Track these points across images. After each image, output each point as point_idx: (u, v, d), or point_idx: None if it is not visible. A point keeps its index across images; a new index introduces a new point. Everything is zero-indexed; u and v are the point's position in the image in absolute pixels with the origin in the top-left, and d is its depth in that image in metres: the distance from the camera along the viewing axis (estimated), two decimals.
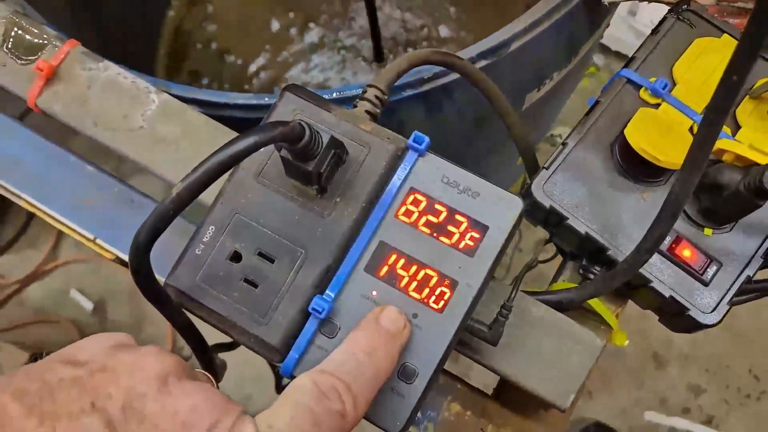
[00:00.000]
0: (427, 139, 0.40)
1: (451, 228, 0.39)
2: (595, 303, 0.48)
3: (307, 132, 0.34)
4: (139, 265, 0.33)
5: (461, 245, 0.39)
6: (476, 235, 0.39)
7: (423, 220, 0.39)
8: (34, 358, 1.41)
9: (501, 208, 0.39)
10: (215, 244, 0.39)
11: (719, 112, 0.33)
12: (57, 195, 0.54)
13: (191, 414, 0.27)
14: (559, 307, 0.46)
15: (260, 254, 0.39)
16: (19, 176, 0.54)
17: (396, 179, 0.40)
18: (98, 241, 0.53)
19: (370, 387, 0.32)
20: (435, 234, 0.39)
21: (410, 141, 0.40)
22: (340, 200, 0.39)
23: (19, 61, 0.51)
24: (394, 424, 0.38)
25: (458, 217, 0.39)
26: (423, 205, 0.40)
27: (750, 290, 0.54)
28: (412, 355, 0.38)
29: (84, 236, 0.53)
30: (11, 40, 0.51)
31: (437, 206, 0.39)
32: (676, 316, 0.46)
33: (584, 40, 0.69)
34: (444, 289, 0.39)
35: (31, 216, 1.74)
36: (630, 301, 0.51)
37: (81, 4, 0.96)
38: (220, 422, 0.27)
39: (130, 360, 0.28)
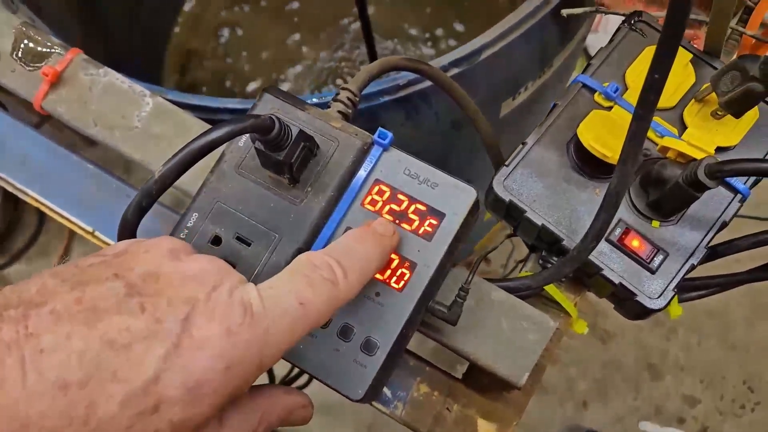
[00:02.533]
0: (390, 135, 0.44)
1: (411, 215, 0.43)
2: (554, 292, 0.52)
3: (277, 125, 0.38)
4: (129, 231, 0.37)
5: (420, 231, 0.43)
6: (434, 222, 0.43)
7: (386, 208, 0.43)
8: None
9: (456, 196, 0.43)
10: (198, 229, 0.44)
11: (646, 107, 0.36)
12: (60, 191, 0.58)
13: (200, 273, 0.32)
14: (518, 292, 0.50)
15: (238, 238, 0.43)
16: (27, 174, 0.58)
17: (362, 171, 0.44)
18: (97, 233, 0.57)
19: (359, 267, 0.36)
20: (397, 221, 0.43)
21: (375, 137, 0.44)
22: (311, 189, 0.43)
23: (26, 68, 0.56)
24: (356, 392, 0.41)
25: (418, 205, 0.43)
26: (387, 194, 0.44)
27: (706, 285, 0.58)
28: (374, 329, 0.42)
29: (84, 229, 0.57)
30: (21, 48, 0.56)
31: (399, 196, 0.43)
32: (626, 302, 0.50)
33: (556, 51, 0.73)
34: (404, 270, 0.42)
35: (40, 226, 1.79)
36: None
37: (89, 22, 1.02)
38: (225, 281, 0.32)
39: (147, 243, 0.33)
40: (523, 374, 0.47)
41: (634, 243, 0.49)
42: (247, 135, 0.45)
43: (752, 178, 0.50)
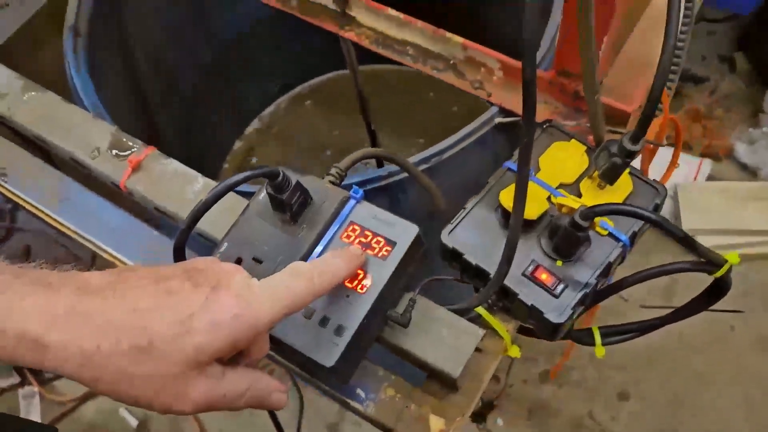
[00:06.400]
0: (361, 191, 0.64)
1: (374, 244, 0.62)
2: (486, 315, 0.69)
3: (281, 173, 0.59)
4: (181, 243, 0.57)
5: (379, 254, 0.62)
6: (389, 248, 0.62)
7: (357, 240, 0.63)
8: None
9: (404, 232, 0.63)
10: (227, 252, 0.63)
11: (522, 164, 0.56)
12: (130, 248, 0.79)
13: (225, 269, 0.50)
14: (458, 313, 0.67)
15: (254, 259, 0.63)
16: (105, 235, 0.80)
17: (342, 215, 0.64)
18: None
19: (331, 272, 0.54)
20: (364, 249, 0.62)
21: (351, 192, 0.64)
22: (305, 227, 0.63)
23: (117, 159, 0.79)
24: (329, 360, 0.58)
25: (379, 237, 0.63)
26: (357, 231, 0.63)
27: (626, 331, 0.74)
28: (344, 318, 0.60)
29: None
30: (113, 145, 0.80)
31: (366, 232, 0.63)
32: (539, 322, 0.66)
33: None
34: (366, 281, 0.61)
35: None
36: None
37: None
38: (240, 274, 0.50)
39: (197, 258, 0.52)
40: (458, 368, 0.63)
41: (543, 276, 0.66)
42: (265, 192, 0.66)
43: (631, 231, 0.68)
